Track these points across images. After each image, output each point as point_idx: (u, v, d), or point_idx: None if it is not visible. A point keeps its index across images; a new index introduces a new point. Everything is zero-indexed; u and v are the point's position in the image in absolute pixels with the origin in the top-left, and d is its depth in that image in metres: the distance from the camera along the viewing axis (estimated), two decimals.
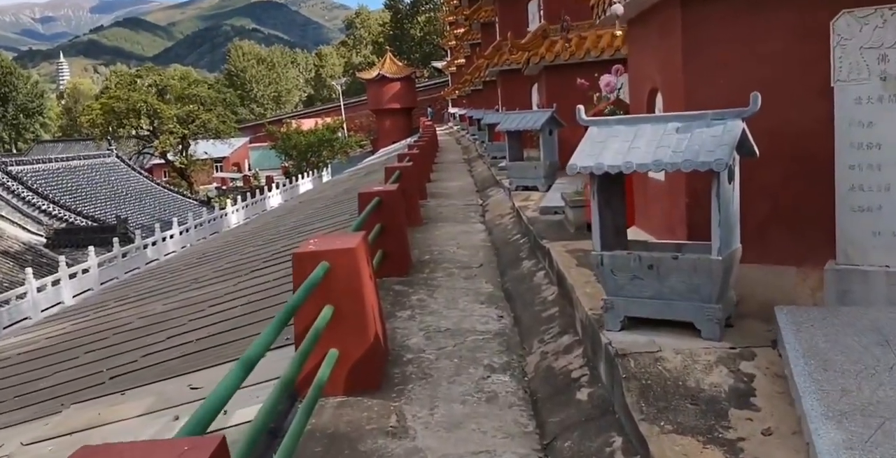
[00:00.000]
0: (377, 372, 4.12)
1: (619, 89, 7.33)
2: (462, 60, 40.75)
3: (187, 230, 27.99)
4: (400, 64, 59.94)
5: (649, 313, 3.68)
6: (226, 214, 32.10)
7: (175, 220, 27.09)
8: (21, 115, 77.11)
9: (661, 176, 5.06)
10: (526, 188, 9.88)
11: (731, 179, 3.59)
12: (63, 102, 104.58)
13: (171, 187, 36.93)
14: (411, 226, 9.30)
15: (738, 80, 4.17)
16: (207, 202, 37.22)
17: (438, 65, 62.99)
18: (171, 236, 26.59)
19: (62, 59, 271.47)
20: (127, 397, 4.96)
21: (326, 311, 3.77)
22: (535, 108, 16.37)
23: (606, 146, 3.73)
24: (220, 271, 10.79)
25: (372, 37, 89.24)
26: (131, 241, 24.83)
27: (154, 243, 25.32)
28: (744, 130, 3.55)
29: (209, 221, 29.95)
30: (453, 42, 45.62)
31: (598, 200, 3.85)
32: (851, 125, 3.87)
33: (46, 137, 77.28)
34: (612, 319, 3.75)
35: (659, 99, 5.33)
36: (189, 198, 36.09)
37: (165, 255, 25.31)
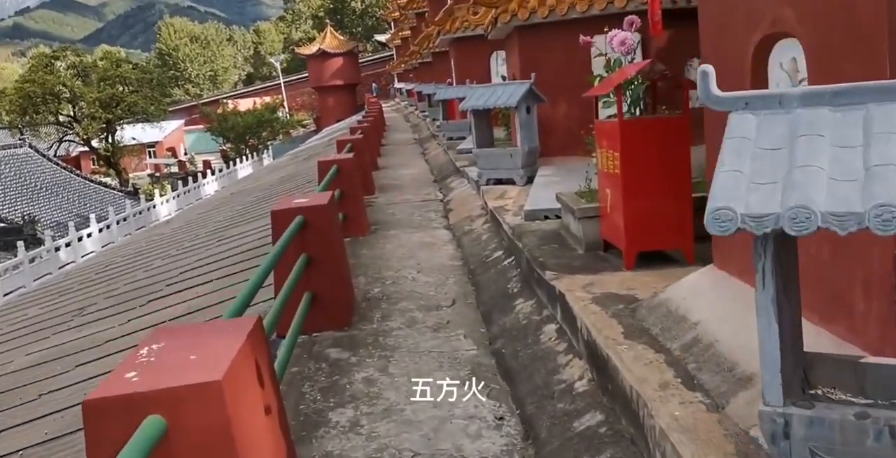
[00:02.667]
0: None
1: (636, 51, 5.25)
2: (407, 32, 38.31)
3: (108, 227, 25.22)
4: (341, 38, 57.06)
5: None
6: (154, 206, 29.31)
7: (93, 216, 24.31)
8: None
9: None
10: (499, 182, 7.76)
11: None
12: None
13: (92, 178, 33.81)
14: (352, 236, 7.15)
15: None
16: (135, 193, 34.24)
17: (382, 38, 60.26)
18: (89, 235, 23.83)
19: None
20: None
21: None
22: (497, 80, 14.22)
23: (792, 161, 1.57)
24: (113, 299, 8.47)
25: (312, 11, 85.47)
26: (42, 243, 22.05)
27: (68, 244, 22.57)
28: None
29: (134, 215, 27.18)
30: (396, 13, 43.11)
31: (771, 289, 1.69)
32: None
33: None
34: None
35: (789, 53, 3.03)
36: (113, 189, 33.08)
37: (83, 256, 22.61)
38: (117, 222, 25.89)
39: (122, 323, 7.07)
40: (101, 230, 24.84)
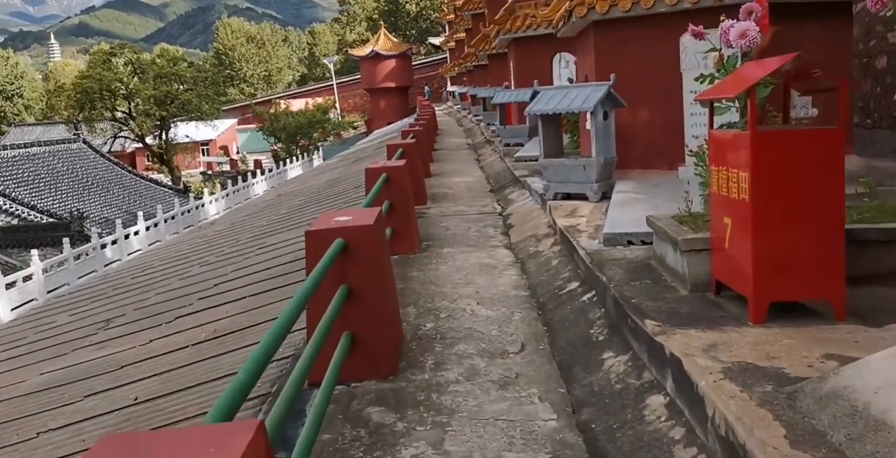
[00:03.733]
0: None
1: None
2: (462, 35, 37.59)
3: (155, 225, 24.91)
4: (395, 40, 56.62)
5: None
6: (203, 205, 29.00)
7: (140, 214, 24.00)
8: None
9: None
10: (568, 196, 6.85)
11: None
12: (47, 84, 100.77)
13: (144, 175, 33.74)
14: (402, 254, 6.34)
15: None
16: (185, 191, 34.08)
17: (436, 41, 59.66)
18: (136, 233, 23.53)
19: (53, 41, 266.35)
20: None
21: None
22: (559, 83, 13.32)
23: None
24: (141, 311, 7.81)
25: (366, 13, 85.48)
26: (89, 240, 21.78)
27: (115, 242, 22.26)
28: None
29: (182, 214, 26.87)
30: (451, 16, 42.43)
31: None
32: None
33: (30, 120, 73.70)
34: None
35: None
36: (164, 186, 32.94)
37: (129, 254, 22.30)
38: (165, 221, 25.59)
39: (144, 343, 6.36)
40: (148, 228, 24.54)
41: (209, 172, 53.02)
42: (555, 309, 4.66)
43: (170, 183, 43.56)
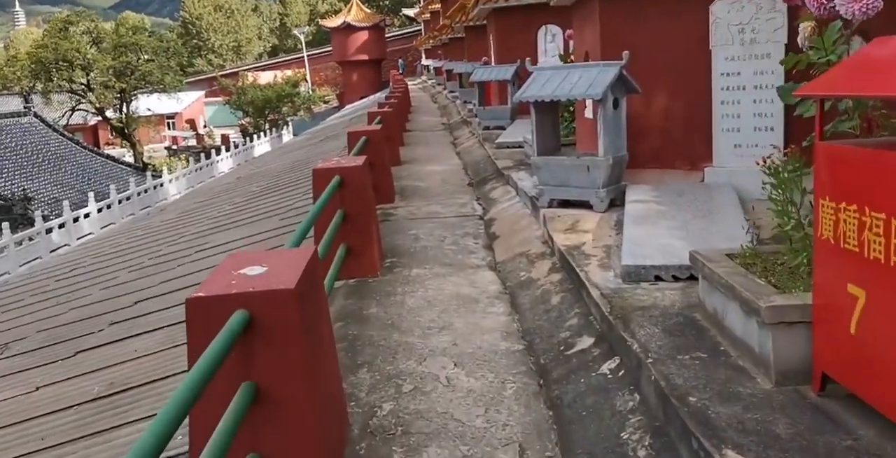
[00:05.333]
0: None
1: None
2: (437, 5, 35.96)
3: (109, 207, 23.26)
4: (368, 11, 54.62)
5: None
6: (161, 184, 27.30)
7: (91, 194, 22.34)
8: None
9: None
10: (566, 203, 5.53)
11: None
12: (7, 53, 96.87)
13: (100, 152, 31.81)
14: (359, 277, 5.04)
15: None
16: (143, 168, 32.27)
17: (410, 12, 57.70)
18: (87, 215, 21.88)
19: (17, 8, 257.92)
20: None
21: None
22: (545, 60, 11.95)
23: None
24: (45, 334, 6.44)
25: None
26: (33, 223, 20.13)
27: (62, 226, 20.62)
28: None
29: (139, 194, 25.19)
30: None
31: None
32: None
33: None
34: None
35: None
36: (122, 164, 31.09)
37: (79, 239, 20.69)
38: (119, 202, 23.93)
39: (28, 391, 5.00)
40: (100, 210, 22.90)
41: (174, 146, 51.01)
42: (563, 382, 3.35)
43: (132, 158, 41.66)
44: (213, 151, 35.78)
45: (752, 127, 5.21)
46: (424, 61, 43.33)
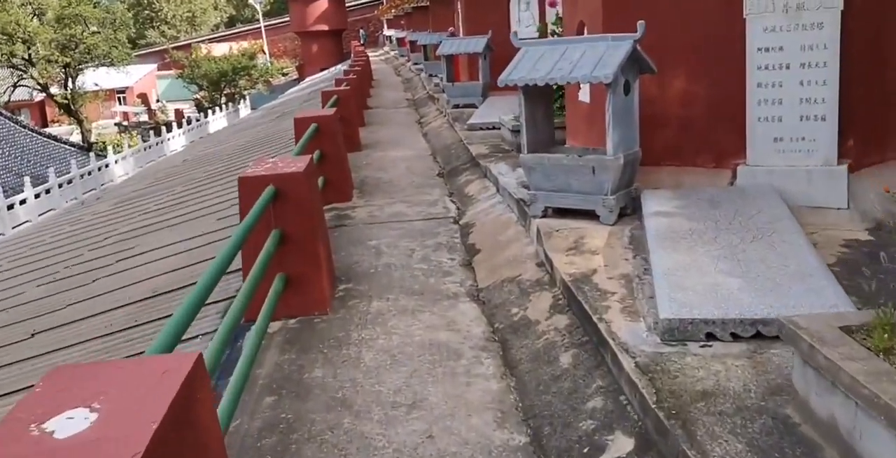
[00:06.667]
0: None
1: None
2: None
3: (48, 191, 21.64)
4: None
5: None
6: (107, 165, 25.61)
7: (27, 179, 20.71)
8: None
9: None
10: (564, 212, 4.41)
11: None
12: None
13: (39, 130, 29.85)
14: (304, 315, 3.90)
15: None
16: (89, 148, 30.45)
17: None
18: (23, 202, 20.28)
19: None
20: None
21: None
22: (520, 30, 10.77)
23: None
24: None
25: None
26: None
27: None
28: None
29: (82, 176, 23.53)
30: None
31: None
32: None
33: None
34: None
35: None
36: (64, 143, 29.22)
37: (14, 228, 19.13)
38: (59, 186, 22.29)
39: None
40: (38, 196, 21.27)
41: (125, 123, 48.85)
42: None
43: (80, 136, 39.61)
44: (164, 127, 33.98)
45: (798, 116, 4.13)
46: (387, 32, 41.74)
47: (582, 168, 4.17)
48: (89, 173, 24.05)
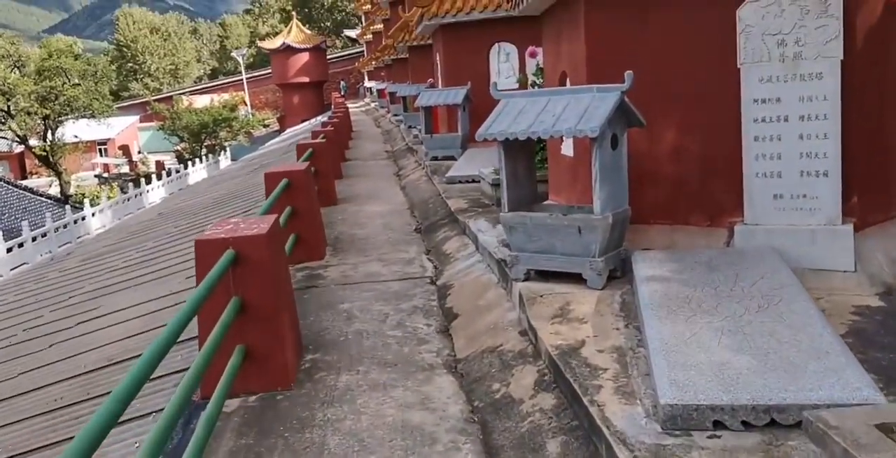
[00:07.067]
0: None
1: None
2: (379, 26, 34.60)
3: (21, 245, 21.11)
4: (308, 32, 52.98)
5: None
6: (83, 218, 25.13)
7: None
8: None
9: None
10: (548, 275, 4.08)
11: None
12: None
13: (15, 183, 29.42)
14: (266, 390, 3.51)
15: None
16: (64, 201, 29.96)
17: (352, 34, 56.30)
18: None
19: None
20: None
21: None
22: (500, 81, 10.65)
23: None
24: None
25: (279, 3, 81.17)
26: None
27: None
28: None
29: (56, 230, 23.02)
30: (368, 6, 39.34)
31: None
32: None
33: None
34: None
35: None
36: (41, 196, 28.75)
37: None
38: (33, 239, 21.76)
39: None
40: (10, 250, 20.73)
41: (105, 174, 48.45)
42: None
43: (59, 188, 39.12)
44: (144, 178, 33.62)
45: (798, 171, 3.86)
46: (367, 83, 41.96)
47: (567, 228, 3.86)
48: (64, 226, 23.54)
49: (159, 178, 34.58)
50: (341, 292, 5.29)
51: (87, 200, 26.76)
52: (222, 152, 43.58)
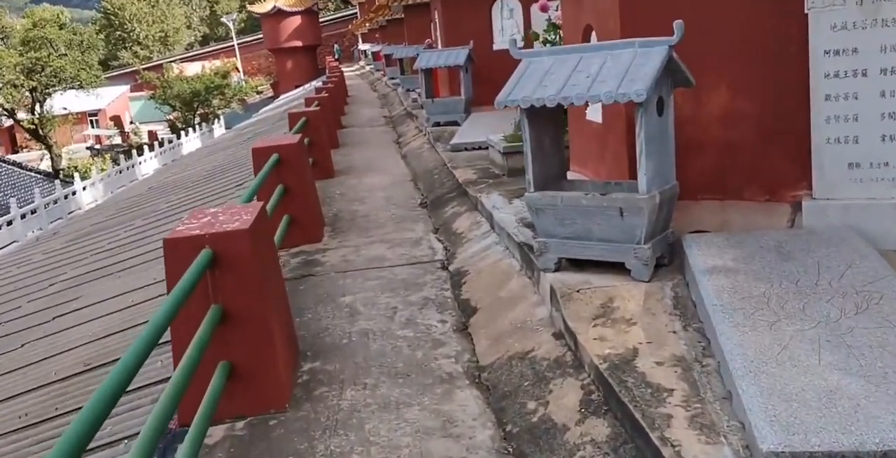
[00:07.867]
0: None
1: None
2: None
3: (10, 223, 20.50)
4: None
5: None
6: (74, 193, 24.46)
7: None
8: None
9: None
10: (582, 264, 3.49)
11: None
12: None
13: (3, 158, 28.66)
14: (256, 413, 2.91)
15: None
16: (55, 175, 29.26)
17: None
18: None
19: None
20: None
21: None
22: (500, 38, 9.96)
23: None
24: None
25: None
26: None
27: None
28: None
29: (46, 206, 22.37)
30: None
31: None
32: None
33: None
34: None
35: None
36: (30, 171, 28.03)
37: None
38: (22, 216, 21.14)
39: None
40: None
41: (97, 146, 47.60)
42: None
43: (49, 161, 38.39)
44: (137, 149, 32.84)
45: (879, 135, 3.24)
46: (361, 46, 40.91)
47: (606, 210, 3.26)
48: (54, 202, 22.89)
49: (152, 148, 33.80)
50: (342, 282, 4.71)
51: (76, 174, 26.06)
52: (216, 121, 42.70)
